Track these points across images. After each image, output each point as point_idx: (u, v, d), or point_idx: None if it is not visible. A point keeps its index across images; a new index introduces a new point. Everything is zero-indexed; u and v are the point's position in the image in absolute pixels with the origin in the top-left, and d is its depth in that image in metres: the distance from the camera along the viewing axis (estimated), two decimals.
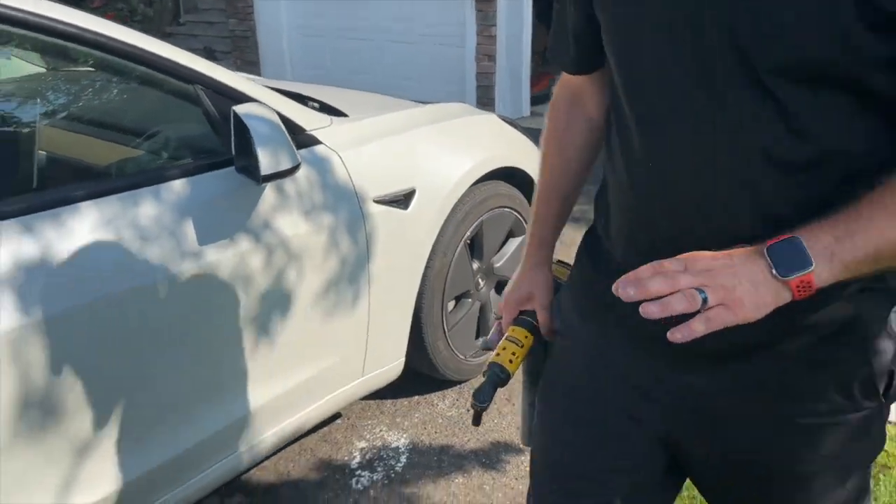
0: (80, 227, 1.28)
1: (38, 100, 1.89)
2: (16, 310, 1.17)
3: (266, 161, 1.39)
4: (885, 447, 0.93)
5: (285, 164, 1.44)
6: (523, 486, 1.92)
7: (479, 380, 2.30)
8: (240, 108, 1.42)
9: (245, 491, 1.93)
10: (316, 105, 2.06)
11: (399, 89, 6.35)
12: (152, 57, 1.43)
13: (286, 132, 1.47)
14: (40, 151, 1.61)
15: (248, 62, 7.55)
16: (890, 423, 2.02)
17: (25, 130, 1.72)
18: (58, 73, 2.03)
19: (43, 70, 2.11)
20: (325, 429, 2.16)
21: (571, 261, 1.03)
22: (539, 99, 6.41)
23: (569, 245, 1.52)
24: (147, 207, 1.38)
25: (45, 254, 1.22)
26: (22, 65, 2.11)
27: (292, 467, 2.01)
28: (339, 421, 2.20)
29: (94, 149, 1.64)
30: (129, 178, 1.40)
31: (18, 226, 1.21)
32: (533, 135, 5.96)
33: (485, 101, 5.95)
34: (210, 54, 8.75)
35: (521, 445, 2.05)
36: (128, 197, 1.36)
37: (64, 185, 1.36)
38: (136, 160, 1.63)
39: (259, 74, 7.38)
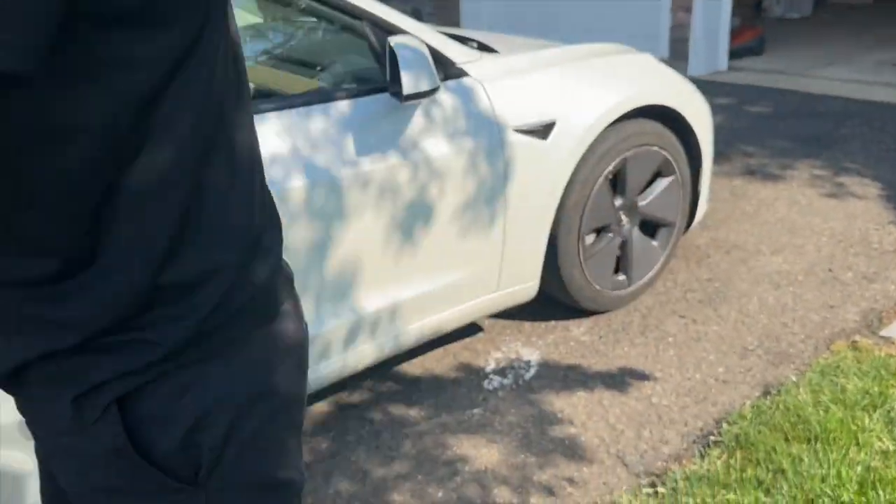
0: (266, 132, 1.63)
1: (251, 43, 2.31)
2: None
3: (408, 82, 1.65)
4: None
5: (425, 87, 1.68)
6: (642, 406, 2.04)
7: (615, 312, 2.43)
8: (393, 39, 1.69)
9: (395, 379, 2.26)
10: (475, 44, 2.28)
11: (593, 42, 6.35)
12: None
13: (429, 60, 1.71)
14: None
15: (450, 22, 7.95)
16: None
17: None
18: (267, 24, 2.46)
19: (259, 20, 2.55)
20: (468, 339, 2.43)
21: None
22: (739, 53, 6.07)
23: None
24: (317, 121, 1.70)
25: None
26: (244, 15, 2.57)
27: (436, 365, 2.31)
28: (480, 334, 2.45)
29: (283, 79, 2.01)
30: (303, 97, 1.72)
31: None
32: (732, 90, 5.70)
33: (679, 54, 5.77)
34: (417, 14, 9.31)
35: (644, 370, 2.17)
36: (302, 111, 1.69)
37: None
38: (313, 85, 1.97)
39: None
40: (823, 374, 2.04)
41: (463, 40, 2.37)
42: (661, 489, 1.73)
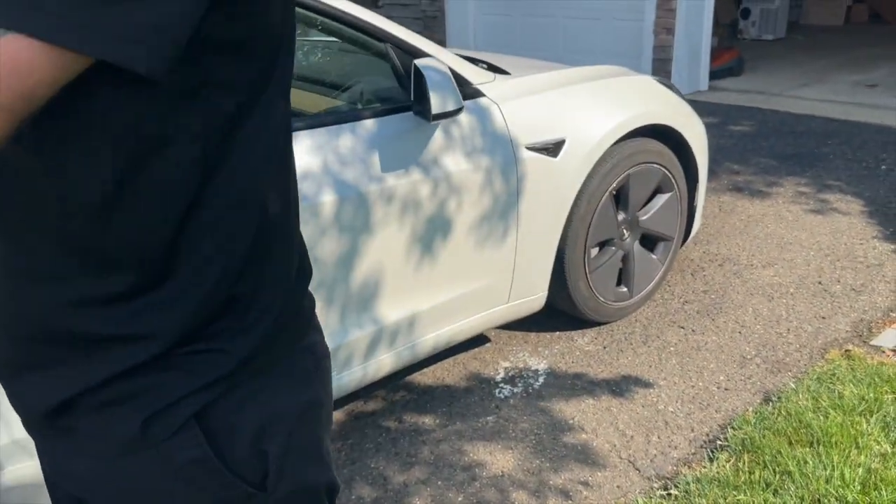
0: (298, 150, 1.69)
1: None
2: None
3: (436, 103, 1.73)
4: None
5: (451, 106, 1.76)
6: (649, 412, 2.13)
7: (617, 322, 2.52)
8: (419, 61, 1.77)
9: (408, 388, 2.32)
10: (484, 65, 2.37)
11: (578, 63, 6.51)
12: (354, 18, 1.82)
13: (454, 82, 1.79)
14: None
15: (436, 41, 8.05)
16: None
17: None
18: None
19: None
20: (476, 349, 2.50)
21: None
22: (719, 74, 6.27)
23: None
24: (345, 139, 1.77)
25: None
26: None
27: (447, 375, 2.37)
28: (488, 344, 2.53)
29: (308, 98, 2.07)
30: (332, 115, 1.79)
31: None
32: (715, 109, 5.89)
33: (661, 74, 5.94)
34: None
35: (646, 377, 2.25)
36: (332, 130, 1.76)
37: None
38: (338, 104, 2.04)
39: None
40: (821, 382, 2.14)
41: (474, 62, 2.46)
42: (673, 491, 1.81)
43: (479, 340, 2.53)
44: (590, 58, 6.75)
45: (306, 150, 1.71)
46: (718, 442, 1.98)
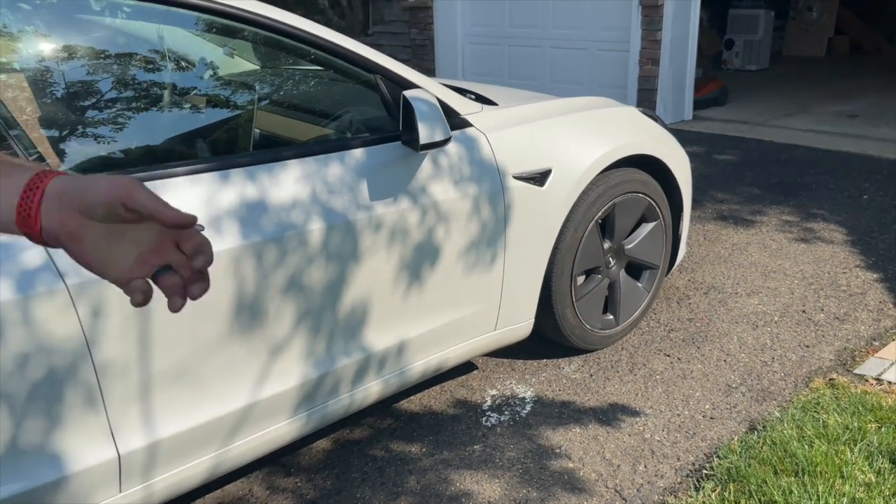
0: (287, 178, 1.71)
1: (256, 89, 2.40)
2: (236, 234, 1.62)
3: (424, 133, 1.75)
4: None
5: (439, 137, 1.79)
6: (635, 441, 2.13)
7: (604, 350, 2.53)
8: (408, 92, 1.80)
9: (395, 416, 2.31)
10: (472, 96, 2.41)
11: (563, 93, 6.61)
12: (344, 50, 1.84)
13: (441, 112, 1.82)
14: (255, 129, 2.10)
15: (425, 69, 8.17)
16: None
17: (246, 112, 2.22)
18: (268, 70, 2.55)
19: (257, 67, 2.64)
20: (463, 377, 2.49)
21: None
22: (703, 104, 6.37)
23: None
24: (334, 168, 1.79)
25: (262, 195, 1.66)
26: (242, 63, 2.66)
27: (434, 403, 2.37)
28: (475, 371, 2.53)
29: (297, 127, 2.09)
30: (321, 145, 1.81)
31: (243, 174, 1.66)
32: (699, 139, 5.98)
33: (646, 104, 6.04)
34: None
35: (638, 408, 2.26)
36: (321, 159, 1.77)
37: (274, 148, 1.80)
38: (326, 133, 2.07)
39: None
40: (805, 411, 2.15)
41: (462, 92, 2.50)
42: None
43: (466, 368, 2.54)
44: (576, 87, 6.88)
45: (295, 179, 1.72)
46: (704, 471, 1.98)
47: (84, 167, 1.58)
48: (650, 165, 2.57)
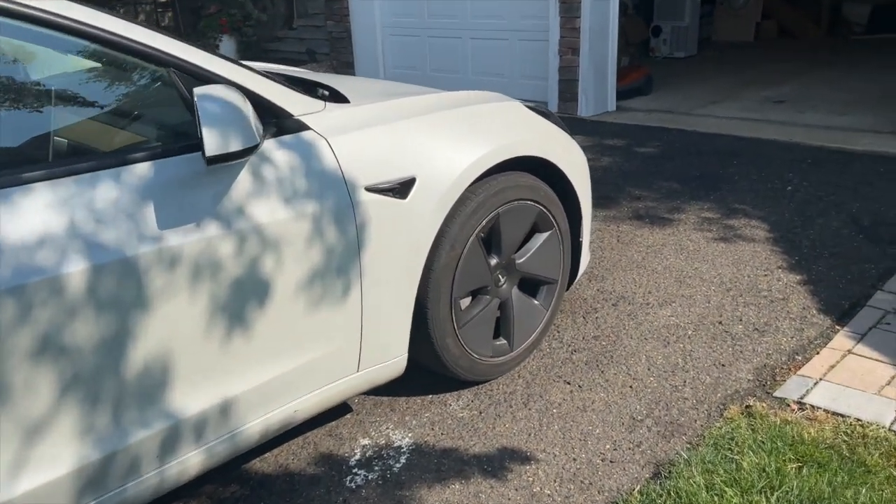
0: (31, 207, 1.30)
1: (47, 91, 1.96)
2: None
3: (212, 141, 1.36)
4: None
5: (236, 146, 1.40)
6: (522, 498, 1.79)
7: (498, 380, 2.19)
8: (199, 89, 1.40)
9: (241, 481, 1.92)
10: (325, 93, 2.03)
11: (486, 85, 6.28)
12: (125, 41, 1.44)
13: (245, 113, 1.43)
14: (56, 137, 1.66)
15: (344, 63, 7.74)
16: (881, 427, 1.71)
17: (36, 113, 1.78)
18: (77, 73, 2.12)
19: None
20: (333, 423, 2.12)
21: None
22: (627, 94, 6.12)
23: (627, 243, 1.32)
24: (105, 189, 1.39)
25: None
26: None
27: (292, 460, 1.99)
28: (348, 416, 2.16)
29: (78, 132, 1.67)
30: (88, 161, 1.40)
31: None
32: (621, 131, 5.76)
33: (567, 95, 5.76)
34: (311, 55, 9.07)
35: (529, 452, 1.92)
36: (86, 179, 1.37)
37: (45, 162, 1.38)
38: (101, 143, 1.64)
39: (354, 74, 7.55)
40: (717, 449, 1.85)
41: (313, 87, 2.12)
42: None
43: (340, 410, 2.17)
44: (498, 80, 6.56)
45: (44, 207, 1.32)
46: None
47: None
48: (541, 169, 2.24)
